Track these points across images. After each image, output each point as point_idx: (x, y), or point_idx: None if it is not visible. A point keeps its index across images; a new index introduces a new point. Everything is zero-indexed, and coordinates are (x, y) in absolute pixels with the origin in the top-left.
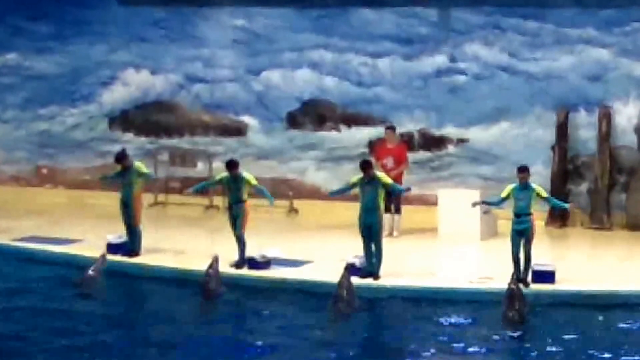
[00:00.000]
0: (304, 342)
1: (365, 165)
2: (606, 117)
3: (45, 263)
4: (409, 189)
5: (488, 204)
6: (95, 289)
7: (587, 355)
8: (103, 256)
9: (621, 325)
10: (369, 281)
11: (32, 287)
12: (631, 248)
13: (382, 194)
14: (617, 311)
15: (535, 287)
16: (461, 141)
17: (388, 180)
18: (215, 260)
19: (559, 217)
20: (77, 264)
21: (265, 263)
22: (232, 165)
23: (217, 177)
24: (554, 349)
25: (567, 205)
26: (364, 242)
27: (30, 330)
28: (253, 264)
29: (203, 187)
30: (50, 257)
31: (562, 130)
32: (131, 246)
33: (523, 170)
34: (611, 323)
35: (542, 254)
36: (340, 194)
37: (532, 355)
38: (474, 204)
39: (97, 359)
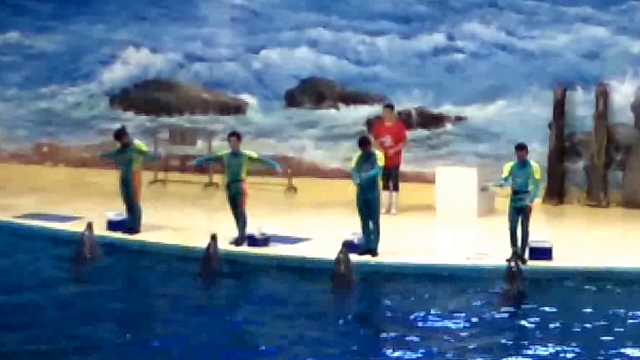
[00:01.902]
0: (302, 318)
1: (364, 142)
2: (603, 95)
3: (45, 240)
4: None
5: (501, 186)
6: (91, 265)
7: (583, 330)
8: (89, 226)
9: (617, 301)
10: (366, 258)
11: (31, 264)
12: (627, 225)
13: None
14: (613, 287)
15: (533, 263)
16: (459, 119)
17: (380, 162)
18: (213, 238)
19: (556, 195)
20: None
21: (264, 240)
22: (238, 137)
23: (219, 154)
24: (550, 324)
25: (528, 203)
26: (362, 219)
27: (31, 308)
28: (252, 241)
29: (205, 161)
30: (51, 234)
31: (559, 108)
32: (131, 223)
33: (521, 148)
34: (607, 299)
35: (539, 231)
36: (355, 179)
37: (529, 331)
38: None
39: (96, 336)
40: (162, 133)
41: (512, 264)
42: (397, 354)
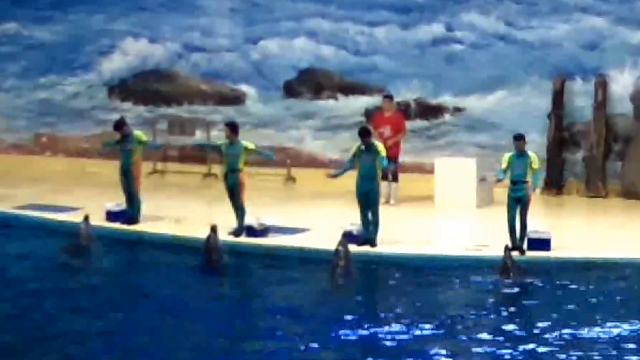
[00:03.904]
0: (301, 309)
1: (364, 133)
2: (602, 85)
3: (44, 231)
4: (394, 167)
5: (499, 181)
6: (88, 256)
7: (581, 322)
8: (86, 219)
9: (615, 291)
10: (366, 249)
11: (30, 254)
12: (626, 216)
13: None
14: (611, 278)
15: (531, 254)
16: (458, 110)
17: (382, 152)
18: (213, 230)
19: (554, 185)
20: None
21: (263, 231)
22: (232, 127)
23: (218, 143)
24: (548, 315)
25: (530, 193)
26: (361, 209)
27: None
28: (251, 231)
29: (204, 146)
30: (50, 225)
31: (558, 99)
32: (130, 214)
33: (519, 138)
34: (605, 290)
35: (538, 221)
36: (346, 171)
37: (527, 322)
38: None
39: (96, 325)
40: (160, 123)
41: (507, 255)
42: (396, 343)
